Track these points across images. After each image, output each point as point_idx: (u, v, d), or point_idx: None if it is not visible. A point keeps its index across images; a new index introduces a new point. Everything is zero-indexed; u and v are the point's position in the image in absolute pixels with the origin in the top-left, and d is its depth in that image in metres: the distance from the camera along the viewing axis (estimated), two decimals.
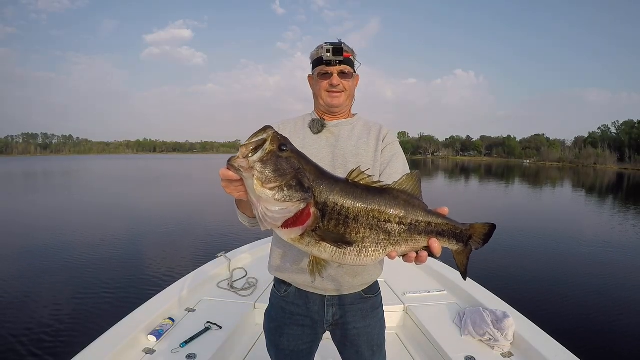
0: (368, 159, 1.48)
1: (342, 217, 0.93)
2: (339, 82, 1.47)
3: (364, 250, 0.97)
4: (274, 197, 0.87)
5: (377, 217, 0.95)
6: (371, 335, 1.55)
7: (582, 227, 12.65)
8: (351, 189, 0.96)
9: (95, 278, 6.29)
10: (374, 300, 1.58)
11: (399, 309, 2.92)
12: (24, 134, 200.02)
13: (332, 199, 0.93)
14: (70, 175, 37.54)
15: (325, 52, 1.43)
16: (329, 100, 1.49)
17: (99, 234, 9.69)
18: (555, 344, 2.18)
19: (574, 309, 5.55)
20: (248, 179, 0.89)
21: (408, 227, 0.98)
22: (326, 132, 1.53)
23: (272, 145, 0.89)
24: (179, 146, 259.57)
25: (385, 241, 0.97)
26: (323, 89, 1.49)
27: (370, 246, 0.97)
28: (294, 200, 0.89)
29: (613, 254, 8.97)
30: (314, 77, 1.52)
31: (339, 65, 1.45)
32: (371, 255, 0.98)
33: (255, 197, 0.89)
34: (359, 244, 0.96)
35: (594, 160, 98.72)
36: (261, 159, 0.88)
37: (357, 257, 0.97)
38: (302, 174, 0.92)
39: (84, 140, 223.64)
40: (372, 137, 1.53)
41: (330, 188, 0.94)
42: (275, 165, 0.89)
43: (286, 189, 0.89)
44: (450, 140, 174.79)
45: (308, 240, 0.95)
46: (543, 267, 7.52)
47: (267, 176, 0.87)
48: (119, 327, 2.24)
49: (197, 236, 9.47)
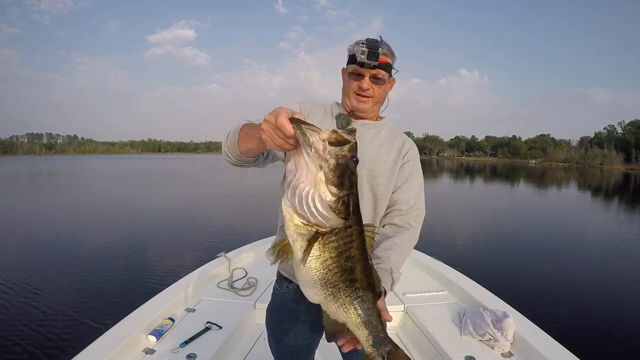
0: (385, 169, 1.44)
1: (334, 255, 0.91)
2: (369, 87, 1.39)
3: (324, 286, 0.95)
4: (329, 201, 0.85)
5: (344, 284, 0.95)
6: None
7: (585, 228, 12.58)
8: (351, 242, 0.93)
9: (95, 278, 6.31)
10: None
11: (399, 309, 2.91)
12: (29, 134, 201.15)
13: (352, 234, 0.91)
14: (73, 175, 37.74)
15: (360, 54, 1.32)
16: (355, 103, 1.42)
17: (99, 233, 9.74)
18: (555, 344, 2.17)
19: (574, 309, 5.52)
20: (309, 157, 0.84)
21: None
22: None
23: (350, 152, 0.86)
24: (184, 146, 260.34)
25: (331, 297, 0.98)
26: (352, 90, 1.41)
27: (322, 288, 0.96)
28: (338, 217, 0.87)
29: (615, 254, 8.92)
30: (346, 73, 1.44)
31: (372, 69, 1.35)
32: (316, 294, 0.98)
33: (307, 178, 0.84)
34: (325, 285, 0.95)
35: (600, 161, 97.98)
36: (337, 157, 0.84)
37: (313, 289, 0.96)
38: (353, 197, 0.89)
39: (88, 140, 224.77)
40: (395, 148, 1.48)
41: (359, 224, 0.92)
42: (344, 173, 0.85)
43: (341, 202, 0.86)
44: (455, 141, 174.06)
45: (303, 245, 0.90)
46: (543, 267, 7.47)
47: (333, 177, 0.84)
48: (119, 327, 2.25)
49: (197, 236, 9.49)
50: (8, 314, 4.95)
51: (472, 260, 7.62)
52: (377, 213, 1.47)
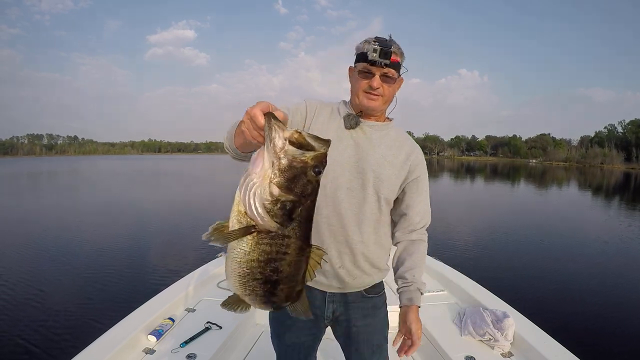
0: (391, 173, 1.43)
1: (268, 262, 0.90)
2: (380, 85, 1.37)
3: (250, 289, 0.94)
4: (265, 200, 0.82)
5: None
6: (372, 334, 1.56)
7: (586, 227, 12.57)
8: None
9: (96, 278, 6.32)
10: (376, 300, 1.58)
11: (398, 309, 2.91)
12: (29, 135, 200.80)
13: (288, 245, 0.88)
14: (74, 175, 37.76)
15: (372, 52, 1.31)
16: (365, 101, 1.40)
17: (99, 233, 9.75)
18: (555, 344, 2.17)
19: (574, 308, 5.52)
20: (267, 152, 0.82)
21: None
22: (358, 130, 1.44)
23: (312, 161, 0.82)
24: (184, 146, 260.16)
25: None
26: (361, 89, 1.39)
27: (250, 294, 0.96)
28: (273, 221, 0.84)
29: (616, 253, 8.92)
30: (355, 71, 1.41)
31: (383, 67, 1.34)
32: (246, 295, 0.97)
33: (259, 171, 0.83)
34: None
35: (601, 160, 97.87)
36: (293, 159, 0.81)
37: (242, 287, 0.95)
38: (301, 206, 0.85)
39: (89, 141, 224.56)
40: (403, 153, 1.47)
41: (299, 240, 0.89)
42: (295, 178, 0.82)
43: (279, 205, 0.83)
44: (455, 140, 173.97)
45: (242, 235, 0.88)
46: (543, 267, 7.48)
47: (279, 178, 0.81)
48: (119, 327, 2.25)
49: (197, 236, 9.39)
50: (8, 314, 4.96)
51: (472, 260, 7.62)
52: (382, 214, 1.47)
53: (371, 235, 1.45)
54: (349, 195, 1.41)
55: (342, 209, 1.40)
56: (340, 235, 1.42)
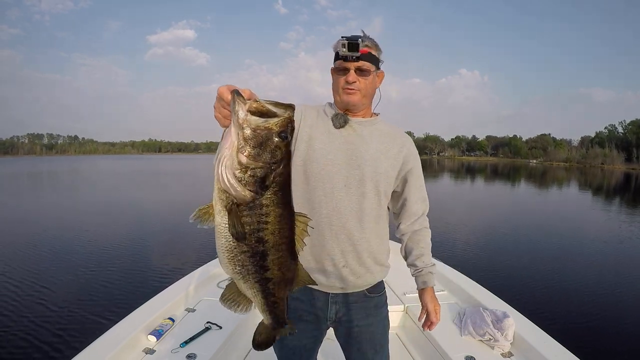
0: (387, 166, 1.46)
1: (255, 234, 0.90)
2: (355, 79, 1.39)
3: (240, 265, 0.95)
4: (235, 169, 0.83)
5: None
6: (374, 334, 1.56)
7: (586, 227, 12.57)
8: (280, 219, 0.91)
9: (95, 278, 6.32)
10: (377, 300, 1.59)
11: (399, 309, 2.91)
12: (30, 134, 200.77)
13: (267, 214, 0.89)
14: (74, 175, 37.75)
15: (341, 47, 1.35)
16: (345, 97, 1.43)
17: (99, 234, 9.75)
18: (555, 344, 2.17)
19: (574, 308, 5.52)
20: (233, 125, 0.83)
21: None
22: (348, 128, 1.45)
23: (276, 127, 0.83)
24: (184, 146, 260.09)
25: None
26: (340, 86, 1.43)
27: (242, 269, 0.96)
28: (246, 189, 0.85)
29: (616, 254, 8.93)
30: (332, 71, 1.47)
31: (356, 61, 1.37)
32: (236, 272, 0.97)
33: (228, 144, 0.84)
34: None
35: (601, 160, 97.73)
36: (256, 127, 0.83)
37: (229, 260, 0.95)
38: (273, 172, 0.86)
39: (89, 141, 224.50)
40: (396, 145, 1.49)
41: (278, 207, 0.90)
42: (261, 146, 0.83)
43: (249, 173, 0.84)
44: (455, 140, 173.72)
45: (221, 210, 0.89)
46: (544, 267, 7.47)
47: (245, 147, 0.83)
48: (119, 327, 2.25)
49: (197, 236, 9.47)
50: (8, 314, 4.95)
51: (472, 260, 7.62)
52: (381, 209, 1.50)
53: (373, 231, 1.47)
54: (348, 193, 1.41)
55: (341, 207, 1.41)
56: (342, 234, 1.42)
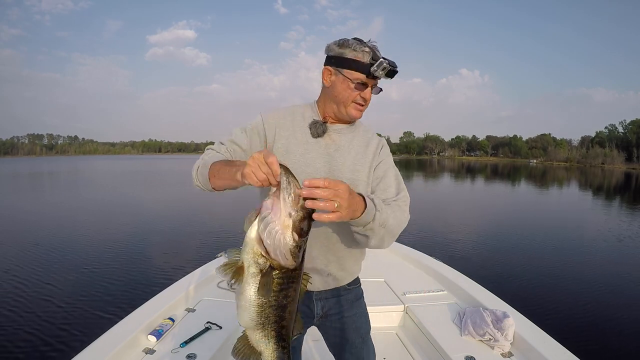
0: (364, 174, 1.44)
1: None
2: (370, 97, 1.38)
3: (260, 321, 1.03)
4: (291, 245, 0.95)
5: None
6: (359, 323, 1.61)
7: (586, 227, 12.55)
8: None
9: (96, 278, 6.32)
10: (356, 291, 1.63)
11: (399, 309, 2.91)
12: (30, 135, 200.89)
13: (297, 275, 1.02)
14: (74, 175, 37.76)
15: (380, 69, 1.28)
16: (353, 112, 1.38)
17: (99, 233, 9.75)
18: (555, 344, 2.17)
19: (575, 308, 5.51)
20: (284, 203, 0.93)
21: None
22: (326, 137, 1.42)
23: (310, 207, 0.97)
24: (184, 146, 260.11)
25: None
26: (351, 99, 1.35)
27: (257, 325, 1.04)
28: (294, 260, 0.96)
29: (616, 253, 8.91)
30: (342, 78, 1.34)
31: (374, 79, 1.34)
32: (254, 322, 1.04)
33: (279, 219, 0.93)
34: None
35: (602, 160, 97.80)
36: (306, 212, 0.95)
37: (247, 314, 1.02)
38: (305, 243, 1.00)
39: (89, 141, 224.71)
40: (370, 151, 1.47)
41: (302, 269, 1.03)
42: (308, 225, 0.97)
43: (299, 248, 0.97)
44: (456, 140, 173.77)
45: (255, 272, 0.98)
46: (544, 267, 7.46)
47: (299, 227, 0.95)
48: (119, 327, 2.25)
49: (197, 236, 9.50)
50: (9, 314, 4.95)
51: (472, 260, 7.62)
52: None
53: (352, 236, 1.41)
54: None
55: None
56: (324, 242, 1.44)
